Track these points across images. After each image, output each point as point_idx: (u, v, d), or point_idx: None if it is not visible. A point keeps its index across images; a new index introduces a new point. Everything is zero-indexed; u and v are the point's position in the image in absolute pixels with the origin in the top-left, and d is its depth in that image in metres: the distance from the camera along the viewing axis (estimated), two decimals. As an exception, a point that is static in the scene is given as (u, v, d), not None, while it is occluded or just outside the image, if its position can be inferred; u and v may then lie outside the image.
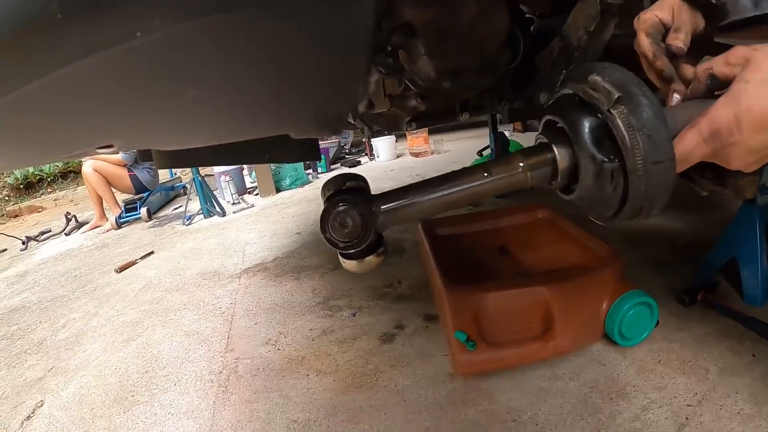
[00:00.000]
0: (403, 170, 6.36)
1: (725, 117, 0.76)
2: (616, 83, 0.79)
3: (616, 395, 1.79)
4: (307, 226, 4.27)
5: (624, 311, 1.94)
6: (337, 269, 3.15)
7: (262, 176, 5.93)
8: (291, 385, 2.00)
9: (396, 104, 1.78)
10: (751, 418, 1.61)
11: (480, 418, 1.74)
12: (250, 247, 3.88)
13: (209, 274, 3.38)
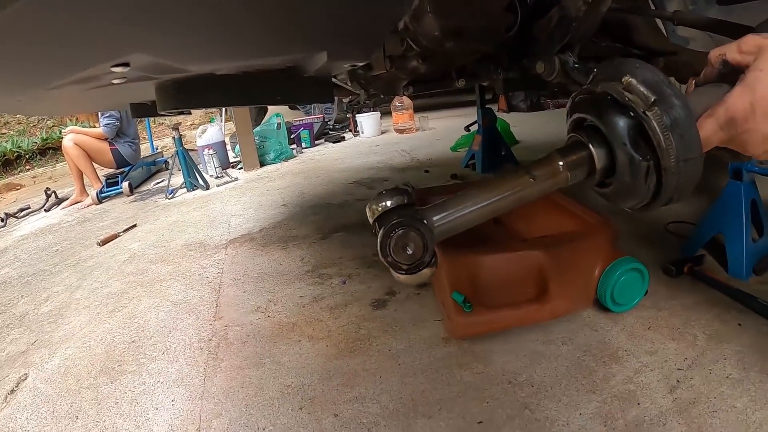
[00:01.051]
0: (387, 146, 6.35)
1: (741, 106, 0.78)
2: (650, 85, 0.80)
3: (608, 359, 1.80)
4: (293, 198, 4.25)
5: (616, 277, 1.96)
6: (326, 239, 3.15)
7: (246, 149, 5.89)
8: (283, 351, 1.99)
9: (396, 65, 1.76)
10: (739, 383, 1.64)
11: (476, 381, 1.74)
12: (236, 219, 3.85)
13: (194, 245, 3.35)
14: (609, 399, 1.62)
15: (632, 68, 0.83)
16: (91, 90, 1.20)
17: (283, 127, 6.28)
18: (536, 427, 1.53)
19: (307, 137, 6.95)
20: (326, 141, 7.28)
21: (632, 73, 0.82)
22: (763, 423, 1.48)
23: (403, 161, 5.31)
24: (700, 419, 1.51)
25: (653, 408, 1.58)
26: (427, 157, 5.43)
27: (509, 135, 5.55)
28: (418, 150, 5.87)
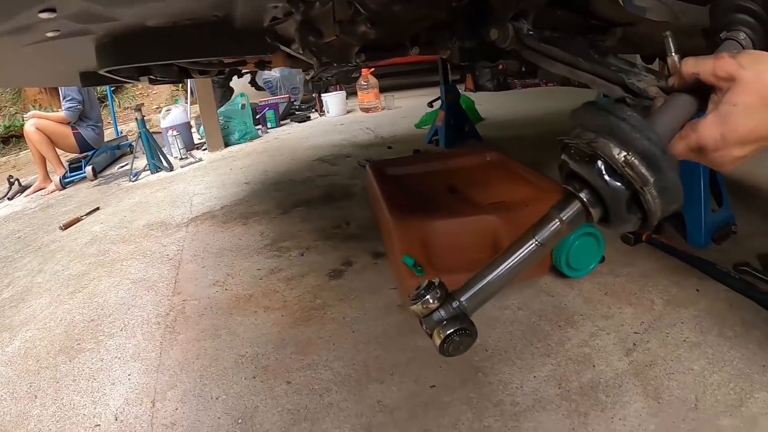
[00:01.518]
0: (352, 124, 6.35)
1: (712, 136, 0.82)
2: (648, 160, 0.82)
3: (564, 323, 1.83)
4: (256, 176, 4.24)
5: (570, 241, 1.98)
6: (286, 214, 3.16)
7: (211, 130, 5.84)
8: (239, 322, 1.99)
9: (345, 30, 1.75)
10: (696, 346, 1.66)
11: (429, 346, 1.71)
12: (198, 198, 3.84)
13: (156, 225, 3.33)
14: (564, 362, 1.65)
15: (631, 137, 0.83)
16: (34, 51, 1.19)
17: (247, 108, 6.25)
18: (489, 390, 1.55)
19: (272, 117, 6.91)
20: (292, 121, 7.24)
21: (631, 144, 0.83)
22: (721, 385, 1.51)
23: (367, 138, 5.31)
24: (657, 381, 1.54)
25: (609, 370, 1.60)
26: (391, 134, 5.45)
27: (474, 112, 5.58)
28: (383, 127, 5.88)
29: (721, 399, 1.46)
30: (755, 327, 1.74)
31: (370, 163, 2.90)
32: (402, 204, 2.25)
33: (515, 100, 7.14)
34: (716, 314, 1.82)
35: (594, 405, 1.48)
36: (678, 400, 1.47)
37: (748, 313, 1.81)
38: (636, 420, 1.42)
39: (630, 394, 1.50)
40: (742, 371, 1.56)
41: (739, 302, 1.87)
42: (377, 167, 2.84)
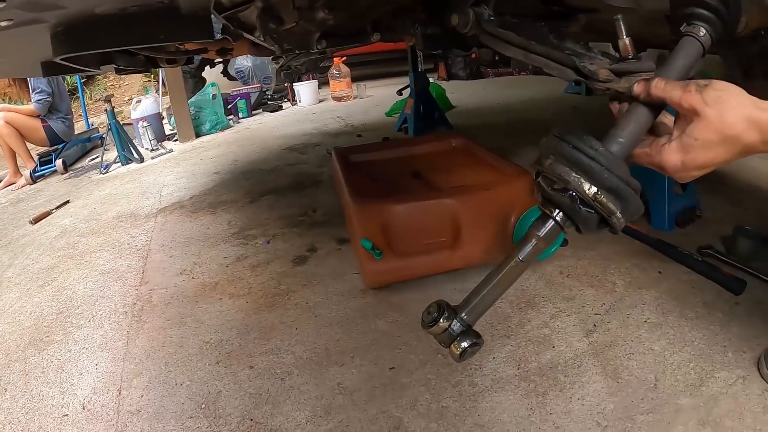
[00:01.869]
0: (324, 113, 6.34)
1: (674, 161, 0.94)
2: (615, 194, 0.95)
3: (525, 305, 1.86)
4: (226, 166, 4.23)
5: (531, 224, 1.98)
6: (254, 202, 3.17)
7: (181, 121, 5.80)
8: (204, 310, 2.01)
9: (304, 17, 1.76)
10: (657, 326, 1.70)
11: (390, 329, 1.78)
12: (168, 188, 3.83)
13: (125, 216, 3.32)
14: (523, 343, 1.68)
15: (601, 176, 0.94)
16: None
17: (218, 97, 6.20)
18: (447, 371, 1.58)
19: (244, 107, 6.88)
20: (264, 111, 7.21)
21: (601, 183, 0.94)
22: (681, 365, 1.54)
23: (338, 127, 5.32)
24: (617, 361, 1.58)
25: (568, 351, 1.63)
26: (362, 122, 5.46)
27: (444, 100, 5.60)
28: (354, 116, 5.88)
29: (681, 379, 1.50)
30: (717, 308, 1.78)
31: (335, 150, 2.91)
32: (364, 189, 2.26)
33: (487, 89, 7.17)
34: (678, 296, 1.86)
35: (553, 385, 1.51)
36: (637, 380, 1.50)
37: (710, 294, 1.86)
38: (594, 399, 1.45)
39: (589, 374, 1.53)
40: (703, 351, 1.59)
41: (702, 284, 1.92)
42: (342, 154, 2.85)
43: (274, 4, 1.72)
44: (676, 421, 1.36)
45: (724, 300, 1.82)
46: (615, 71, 1.17)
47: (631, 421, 1.37)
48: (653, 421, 1.37)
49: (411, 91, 4.62)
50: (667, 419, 1.37)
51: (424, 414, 1.43)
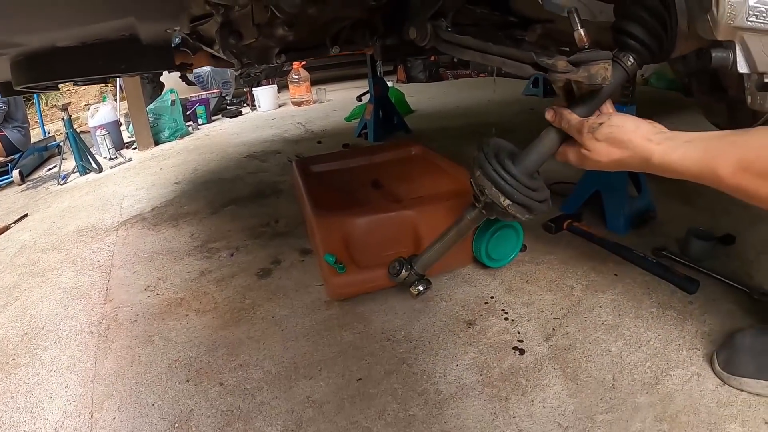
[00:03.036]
0: (284, 119, 6.31)
1: (572, 160, 1.40)
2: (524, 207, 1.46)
3: (486, 312, 1.91)
4: (186, 175, 4.21)
5: (489, 233, 2.04)
6: (216, 213, 3.16)
7: (140, 128, 5.70)
8: (171, 327, 2.01)
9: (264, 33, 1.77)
10: (614, 328, 1.77)
11: (356, 340, 1.81)
12: (128, 200, 3.78)
13: (86, 230, 3.28)
14: (485, 349, 1.72)
15: (512, 193, 1.41)
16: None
17: (177, 104, 6.12)
18: (413, 380, 1.61)
19: (203, 113, 6.82)
20: (223, 116, 7.15)
21: (512, 198, 1.42)
22: (638, 364, 1.60)
23: (298, 133, 5.31)
24: (575, 363, 1.63)
25: (529, 355, 1.68)
26: (322, 128, 5.45)
27: (403, 104, 5.65)
28: (314, 122, 5.87)
29: (638, 378, 1.55)
30: (671, 308, 1.85)
31: (295, 161, 2.93)
32: (325, 201, 2.30)
33: (446, 91, 7.22)
34: (634, 297, 1.93)
35: (515, 389, 1.55)
36: (596, 381, 1.56)
37: (665, 294, 1.92)
38: (555, 402, 1.50)
39: (550, 378, 1.58)
40: (658, 350, 1.66)
41: (656, 285, 1.98)
42: (302, 164, 2.87)
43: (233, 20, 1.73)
44: (634, 418, 1.42)
45: (678, 299, 1.89)
46: (573, 62, 1.23)
47: (591, 420, 1.42)
48: (612, 419, 1.42)
49: (370, 96, 4.65)
50: (625, 417, 1.42)
51: (392, 423, 1.46)
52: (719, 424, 1.38)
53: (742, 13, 0.96)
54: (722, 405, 1.44)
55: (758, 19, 0.96)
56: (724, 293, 1.91)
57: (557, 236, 2.43)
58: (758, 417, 1.40)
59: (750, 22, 0.98)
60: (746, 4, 0.97)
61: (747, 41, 1.01)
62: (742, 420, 1.39)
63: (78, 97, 10.69)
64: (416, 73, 8.35)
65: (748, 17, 0.97)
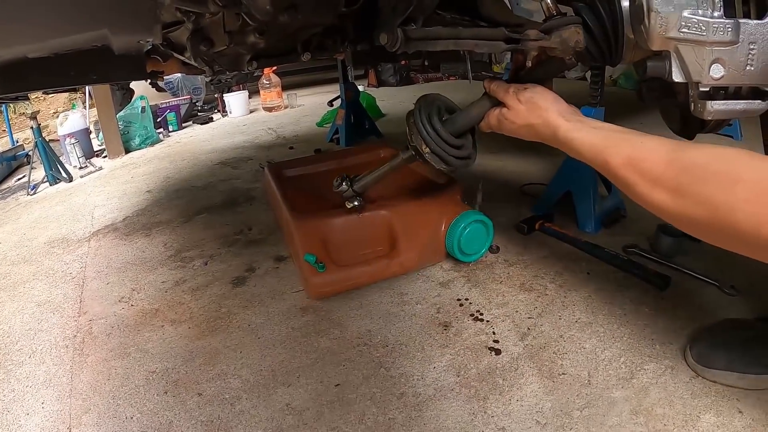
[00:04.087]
0: (255, 125, 6.27)
1: (492, 123, 1.63)
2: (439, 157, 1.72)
3: (461, 314, 1.93)
4: (158, 183, 4.17)
5: (461, 229, 2.09)
6: (189, 222, 3.15)
7: (110, 136, 5.62)
8: (147, 338, 1.99)
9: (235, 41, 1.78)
10: (588, 325, 1.80)
11: (333, 345, 1.82)
12: (99, 210, 3.74)
13: (57, 241, 3.25)
14: (462, 351, 1.74)
15: (431, 143, 1.68)
16: None
17: (147, 111, 6.03)
18: (391, 384, 1.62)
19: (174, 120, 6.74)
20: (194, 123, 7.08)
21: (430, 146, 1.69)
22: (612, 360, 1.63)
23: (269, 139, 5.29)
24: (551, 361, 1.65)
25: (505, 355, 1.70)
26: (294, 133, 5.44)
27: (374, 109, 5.68)
28: (285, 127, 5.86)
29: (613, 373, 1.58)
30: (643, 304, 1.89)
31: (267, 166, 2.94)
32: (300, 204, 2.32)
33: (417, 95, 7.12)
34: (606, 295, 1.97)
35: (492, 389, 1.57)
36: (572, 377, 1.58)
37: (636, 291, 1.97)
38: (533, 399, 1.52)
39: (526, 376, 1.61)
40: (632, 346, 1.69)
41: (628, 282, 2.03)
42: (275, 169, 2.88)
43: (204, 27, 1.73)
44: (610, 413, 1.44)
45: (650, 296, 1.93)
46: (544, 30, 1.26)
47: (569, 416, 1.44)
48: (589, 415, 1.44)
49: (341, 101, 4.67)
50: (602, 412, 1.45)
51: (372, 427, 1.47)
52: (694, 415, 1.41)
53: (674, 25, 1.01)
54: (696, 396, 1.48)
55: (690, 30, 1.00)
56: (695, 288, 1.96)
57: (530, 237, 2.46)
58: (732, 407, 1.43)
59: (682, 33, 1.03)
60: (679, 16, 1.02)
61: (681, 51, 1.05)
62: (716, 410, 1.42)
63: (47, 104, 10.56)
64: (387, 77, 8.34)
65: (680, 28, 1.02)
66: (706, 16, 0.96)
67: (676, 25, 1.01)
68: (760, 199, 0.85)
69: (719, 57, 0.99)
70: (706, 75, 1.02)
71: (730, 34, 0.95)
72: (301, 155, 4.34)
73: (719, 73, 1.01)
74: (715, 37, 0.95)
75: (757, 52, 0.94)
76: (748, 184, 0.88)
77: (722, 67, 0.99)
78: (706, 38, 0.96)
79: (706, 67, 1.01)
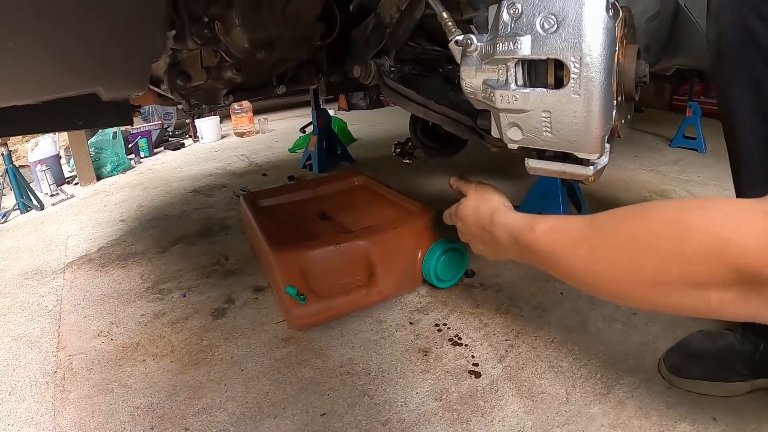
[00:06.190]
0: (227, 150, 6.25)
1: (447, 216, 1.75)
2: None
3: (440, 339, 1.97)
4: (131, 212, 4.15)
5: (437, 256, 2.14)
6: (165, 252, 3.13)
7: (81, 163, 5.53)
8: (129, 373, 1.99)
9: (213, 76, 1.80)
10: (563, 344, 1.86)
11: (316, 375, 1.84)
12: (73, 239, 3.71)
13: (31, 272, 3.21)
14: (443, 375, 1.77)
15: None
16: None
17: (119, 137, 5.95)
18: (376, 411, 1.65)
19: (145, 146, 6.67)
20: (166, 149, 7.01)
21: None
22: (589, 377, 1.69)
23: (242, 166, 5.29)
24: (530, 381, 1.70)
25: (485, 378, 1.74)
26: (266, 160, 5.45)
27: (346, 133, 5.71)
28: (257, 153, 5.86)
29: (590, 389, 1.64)
30: (616, 320, 1.96)
31: (243, 196, 2.96)
32: (278, 235, 2.34)
33: (387, 118, 7.26)
34: (580, 314, 2.03)
35: (474, 411, 1.61)
36: (550, 396, 1.63)
37: (609, 308, 2.03)
38: (514, 419, 1.56)
39: (506, 397, 1.65)
40: (607, 362, 1.75)
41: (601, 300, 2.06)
42: (251, 199, 2.90)
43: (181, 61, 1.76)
44: (589, 428, 1.50)
45: (622, 312, 2.00)
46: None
47: (549, 433, 1.48)
48: (569, 431, 1.50)
49: (314, 128, 4.70)
50: (581, 428, 1.50)
51: (359, 455, 1.49)
52: (670, 425, 1.47)
53: (479, 90, 1.10)
54: (671, 406, 1.54)
55: (487, 96, 1.09)
56: None
57: (504, 260, 2.50)
58: (707, 414, 1.49)
59: (483, 99, 1.12)
60: (479, 84, 1.11)
61: (492, 113, 1.11)
62: (691, 419, 1.49)
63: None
64: (357, 100, 8.33)
65: (483, 95, 1.10)
66: (497, 86, 1.04)
67: (481, 91, 1.10)
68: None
69: (515, 122, 1.06)
70: (506, 137, 1.09)
71: (517, 102, 1.01)
72: (275, 182, 4.38)
73: (518, 136, 1.09)
74: (503, 104, 1.03)
75: (552, 120, 1.00)
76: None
77: (520, 131, 1.07)
78: (497, 105, 1.03)
79: (506, 130, 1.09)
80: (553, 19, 0.97)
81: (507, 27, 1.03)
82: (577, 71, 0.97)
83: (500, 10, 1.03)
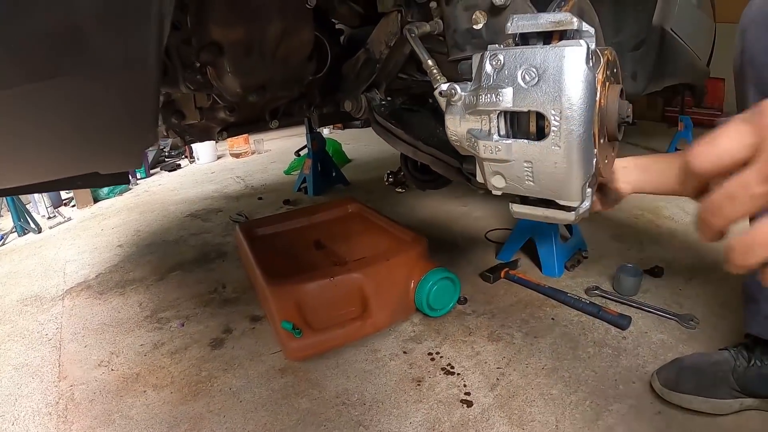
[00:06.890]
0: (223, 172, 6.28)
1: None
2: None
3: (433, 368, 2.01)
4: (129, 237, 4.17)
5: (429, 286, 2.19)
6: (162, 279, 3.16)
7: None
8: (130, 405, 2.02)
9: (206, 116, 1.84)
10: (554, 371, 1.90)
11: (312, 406, 1.88)
12: (71, 265, 3.73)
13: (30, 299, 3.23)
14: (435, 405, 1.82)
15: None
16: None
17: (115, 159, 5.97)
18: (370, 442, 1.68)
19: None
20: (162, 169, 7.00)
21: None
22: (578, 404, 1.74)
23: (238, 189, 5.32)
24: (520, 409, 1.74)
25: (477, 407, 1.79)
26: (262, 182, 5.49)
27: (340, 155, 5.76)
28: (253, 175, 5.89)
29: (579, 416, 1.68)
30: (606, 345, 2.01)
31: (239, 226, 2.99)
32: (273, 266, 2.39)
33: (381, 138, 7.27)
34: (570, 339, 2.07)
35: (466, 441, 1.64)
36: (540, 424, 1.68)
37: (599, 333, 2.08)
38: (505, 447, 1.58)
39: (497, 426, 1.69)
40: (596, 388, 1.80)
41: (591, 324, 2.15)
42: (246, 229, 2.94)
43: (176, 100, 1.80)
44: (579, 455, 1.53)
45: (612, 336, 2.06)
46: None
47: (539, 461, 1.52)
48: (558, 459, 1.52)
49: (308, 151, 4.75)
50: (571, 455, 1.53)
51: (356, 486, 1.53)
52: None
53: (463, 140, 1.12)
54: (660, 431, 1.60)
55: (471, 146, 1.10)
56: (656, 324, 2.10)
57: (495, 285, 2.56)
58: (693, 436, 1.52)
59: (467, 148, 1.14)
60: (463, 134, 1.13)
61: (480, 161, 1.15)
62: (679, 442, 1.52)
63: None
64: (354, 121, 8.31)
65: (467, 143, 1.12)
66: (480, 136, 1.06)
67: (465, 140, 1.12)
68: None
69: (498, 171, 1.09)
70: (490, 184, 1.14)
71: (499, 153, 1.04)
72: (271, 205, 4.45)
73: (501, 183, 1.11)
74: (486, 155, 1.06)
75: (534, 169, 1.04)
76: None
77: (503, 179, 1.10)
78: (481, 155, 1.06)
79: (490, 177, 1.11)
80: (534, 72, 1.01)
81: (489, 78, 1.06)
82: (557, 124, 1.00)
83: (483, 61, 1.06)
